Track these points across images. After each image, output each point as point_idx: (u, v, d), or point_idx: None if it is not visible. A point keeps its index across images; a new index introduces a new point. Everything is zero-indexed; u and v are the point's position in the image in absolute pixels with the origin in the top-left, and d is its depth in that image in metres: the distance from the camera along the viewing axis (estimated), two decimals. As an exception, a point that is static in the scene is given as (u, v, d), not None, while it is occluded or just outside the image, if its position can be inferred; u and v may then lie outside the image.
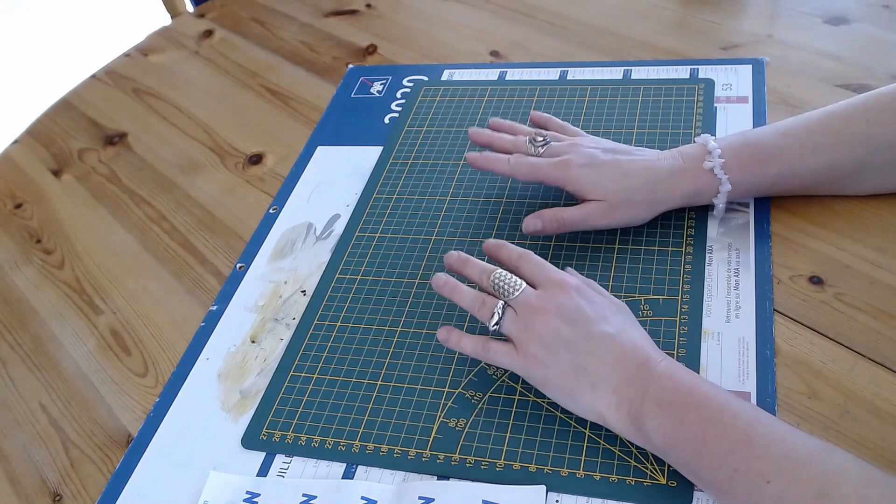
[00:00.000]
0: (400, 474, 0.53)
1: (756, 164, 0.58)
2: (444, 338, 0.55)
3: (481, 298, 0.54)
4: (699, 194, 0.60)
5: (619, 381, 0.48)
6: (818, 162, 0.58)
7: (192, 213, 0.79)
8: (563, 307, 0.51)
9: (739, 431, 0.44)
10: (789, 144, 0.58)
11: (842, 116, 0.58)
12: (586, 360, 0.49)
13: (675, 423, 0.46)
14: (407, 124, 0.80)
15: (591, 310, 0.51)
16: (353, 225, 0.71)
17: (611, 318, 0.51)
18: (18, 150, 0.95)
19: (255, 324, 0.65)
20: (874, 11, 0.80)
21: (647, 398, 0.47)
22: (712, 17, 0.85)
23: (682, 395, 0.46)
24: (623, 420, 0.48)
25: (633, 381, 0.48)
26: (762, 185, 0.60)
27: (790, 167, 0.58)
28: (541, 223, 0.61)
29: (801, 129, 0.58)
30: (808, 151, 0.58)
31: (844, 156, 0.57)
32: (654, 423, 0.47)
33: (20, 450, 0.63)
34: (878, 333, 0.53)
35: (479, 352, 0.53)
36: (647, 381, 0.47)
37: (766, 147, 0.59)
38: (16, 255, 0.81)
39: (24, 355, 0.70)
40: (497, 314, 0.52)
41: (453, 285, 0.56)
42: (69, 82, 1.04)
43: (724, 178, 0.58)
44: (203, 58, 1.02)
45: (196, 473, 0.56)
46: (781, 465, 0.42)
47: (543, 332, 0.50)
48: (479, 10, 0.96)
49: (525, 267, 0.54)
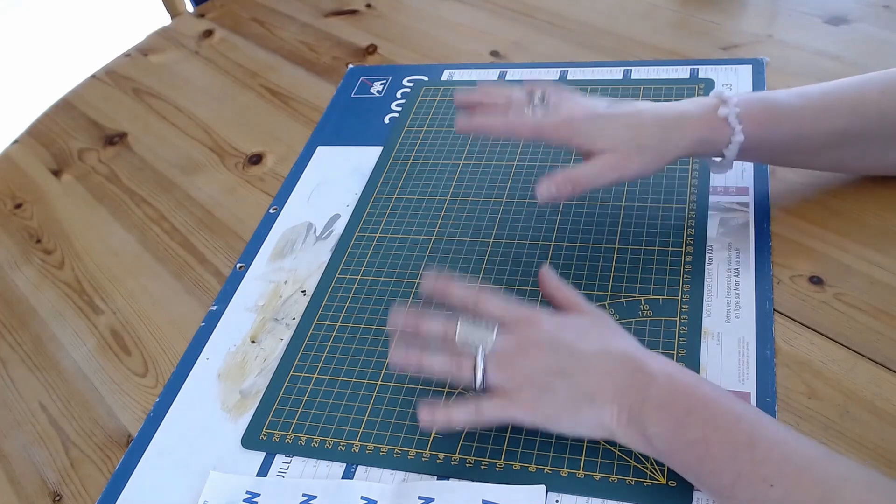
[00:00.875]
0: (400, 474, 0.53)
1: (770, 120, 0.57)
2: (430, 420, 0.50)
3: (455, 362, 0.50)
4: (708, 142, 0.57)
5: (616, 391, 0.48)
6: (832, 124, 0.57)
7: (192, 213, 0.79)
8: (540, 341, 0.49)
9: (742, 435, 0.43)
10: (805, 105, 0.57)
11: (857, 86, 0.58)
12: (580, 381, 0.48)
13: (676, 428, 0.46)
14: (407, 124, 0.80)
15: (568, 333, 0.50)
16: (353, 225, 0.71)
17: (590, 332, 0.50)
18: (18, 150, 0.95)
19: (255, 324, 0.65)
20: (874, 11, 0.80)
21: (647, 403, 0.46)
22: (712, 17, 0.85)
23: (681, 398, 0.46)
24: (627, 429, 0.47)
25: (630, 388, 0.47)
26: (773, 143, 0.58)
27: (802, 128, 0.57)
28: (554, 187, 0.57)
29: (818, 93, 0.58)
30: (823, 114, 0.57)
31: (857, 123, 0.57)
32: (656, 429, 0.46)
33: (20, 450, 0.63)
34: (878, 333, 0.53)
35: (475, 418, 0.49)
36: (645, 386, 0.47)
37: (781, 105, 0.58)
38: (16, 255, 0.81)
39: (24, 355, 0.70)
40: (478, 372, 0.49)
41: (417, 361, 0.51)
42: (69, 82, 1.04)
43: (738, 127, 0.56)
44: (203, 58, 1.02)
45: (196, 473, 0.56)
46: (784, 469, 0.41)
47: (531, 373, 0.49)
48: (479, 10, 0.96)
49: (486, 308, 0.51)
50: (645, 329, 0.56)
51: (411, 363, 0.51)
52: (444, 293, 0.53)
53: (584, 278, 0.61)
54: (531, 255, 0.64)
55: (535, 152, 0.73)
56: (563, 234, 0.65)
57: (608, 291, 0.59)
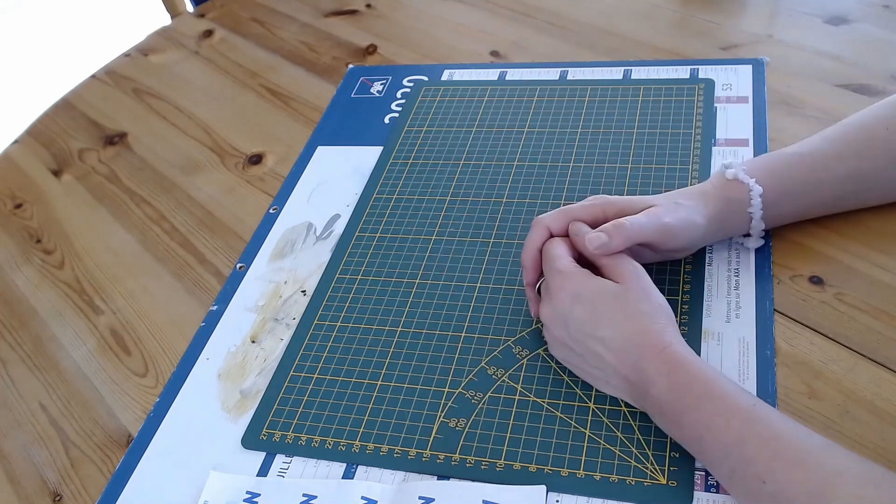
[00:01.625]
0: (400, 474, 0.53)
1: (780, 168, 0.56)
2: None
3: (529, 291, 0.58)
4: (732, 201, 0.56)
5: (623, 378, 0.50)
6: (843, 169, 0.56)
7: (192, 213, 0.79)
8: (554, 316, 0.53)
9: (733, 433, 0.44)
10: (811, 151, 0.57)
11: (859, 126, 0.57)
12: (590, 365, 0.52)
13: (674, 427, 0.48)
14: (407, 124, 0.80)
15: (581, 310, 0.51)
16: (353, 225, 0.71)
17: (603, 313, 0.50)
18: (18, 150, 0.95)
19: (255, 324, 0.65)
20: (874, 11, 0.80)
21: (647, 401, 0.49)
22: (712, 17, 0.85)
23: (679, 397, 0.47)
24: (639, 411, 0.52)
25: (635, 385, 0.49)
26: (795, 190, 0.56)
27: (815, 173, 0.56)
28: (606, 237, 0.52)
29: (819, 140, 0.58)
30: (832, 158, 0.56)
31: (868, 164, 0.56)
32: (657, 421, 0.49)
33: (20, 450, 0.63)
34: (878, 333, 0.53)
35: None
36: (647, 380, 0.48)
37: (786, 155, 0.58)
38: (16, 255, 0.81)
39: (24, 355, 0.70)
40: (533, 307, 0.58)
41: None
42: (69, 82, 1.04)
43: (751, 181, 0.55)
44: (203, 58, 1.02)
45: (196, 473, 0.56)
46: (774, 466, 0.42)
47: (557, 336, 0.54)
48: (479, 10, 0.96)
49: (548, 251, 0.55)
50: (645, 329, 0.56)
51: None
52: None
53: (585, 278, 0.61)
54: (531, 255, 0.64)
55: (536, 152, 0.73)
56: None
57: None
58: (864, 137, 0.57)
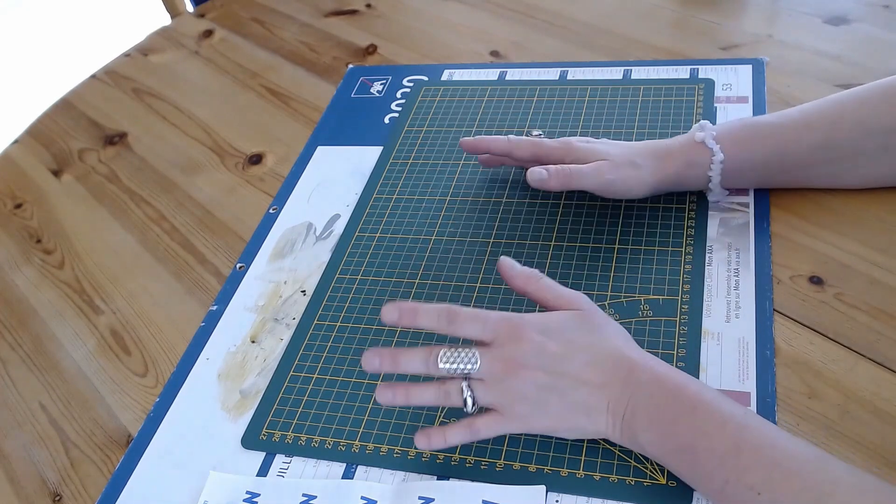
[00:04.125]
0: (400, 474, 0.53)
1: (749, 140, 0.59)
2: (427, 443, 0.50)
3: (443, 390, 0.49)
4: (695, 165, 0.60)
5: (609, 401, 0.48)
6: (813, 138, 0.58)
7: (192, 213, 0.79)
8: (527, 358, 0.48)
9: (728, 441, 0.43)
10: (784, 122, 0.59)
11: (836, 101, 0.59)
12: (572, 395, 0.48)
13: (665, 436, 0.46)
14: (407, 124, 0.80)
15: (554, 342, 0.48)
16: (353, 225, 0.71)
17: (576, 337, 0.49)
18: (18, 150, 0.95)
19: (255, 324, 0.65)
20: (874, 11, 0.80)
21: (637, 413, 0.47)
22: (712, 17, 0.85)
23: (669, 404, 0.46)
24: (622, 437, 0.48)
25: (621, 398, 0.47)
26: (756, 162, 0.59)
27: (785, 143, 0.59)
28: (546, 173, 0.60)
29: (796, 111, 0.60)
30: (803, 128, 0.58)
31: (839, 135, 0.58)
32: (647, 437, 0.47)
33: (20, 450, 0.63)
34: (878, 333, 0.53)
35: (470, 435, 0.49)
36: (634, 394, 0.47)
37: (759, 124, 0.60)
38: (16, 255, 0.81)
39: (24, 355, 0.70)
40: (468, 397, 0.48)
41: (404, 392, 0.50)
42: (69, 82, 1.04)
43: (716, 147, 0.59)
44: (203, 58, 1.02)
45: (196, 473, 0.56)
46: (771, 475, 0.41)
47: (523, 390, 0.48)
48: (479, 10, 0.96)
49: (463, 329, 0.50)
50: (645, 329, 0.56)
51: (399, 397, 0.50)
52: (412, 321, 0.50)
53: (584, 278, 0.61)
54: (531, 255, 0.64)
55: (535, 152, 0.73)
56: (563, 234, 0.65)
57: (608, 291, 0.59)
58: (837, 110, 0.58)
